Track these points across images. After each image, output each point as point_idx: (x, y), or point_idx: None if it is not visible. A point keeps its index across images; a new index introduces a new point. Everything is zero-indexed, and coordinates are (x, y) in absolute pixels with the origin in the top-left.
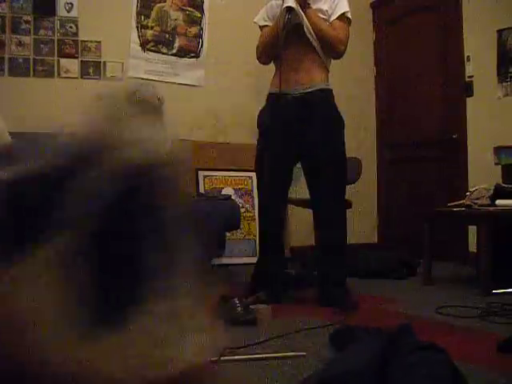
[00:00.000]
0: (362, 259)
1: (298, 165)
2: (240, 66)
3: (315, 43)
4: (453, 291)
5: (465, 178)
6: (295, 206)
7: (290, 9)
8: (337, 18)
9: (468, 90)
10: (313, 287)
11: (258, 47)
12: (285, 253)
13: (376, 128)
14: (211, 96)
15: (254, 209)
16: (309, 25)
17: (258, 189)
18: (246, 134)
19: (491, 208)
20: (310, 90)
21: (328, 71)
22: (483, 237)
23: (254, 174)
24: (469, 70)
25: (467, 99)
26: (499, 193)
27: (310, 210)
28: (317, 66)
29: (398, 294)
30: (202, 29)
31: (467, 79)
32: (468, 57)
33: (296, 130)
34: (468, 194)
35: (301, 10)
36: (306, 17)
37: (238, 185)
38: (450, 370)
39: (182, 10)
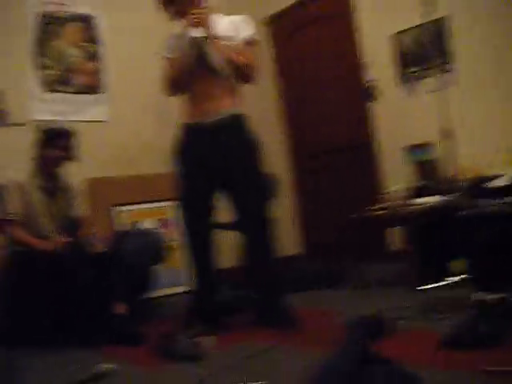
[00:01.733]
0: (291, 272)
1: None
2: (143, 97)
3: (223, 71)
4: (382, 292)
5: (378, 180)
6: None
7: (196, 39)
8: (243, 42)
9: (370, 94)
10: (249, 308)
11: (164, 80)
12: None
13: (287, 141)
14: (117, 130)
15: (175, 237)
16: (217, 53)
17: (183, 221)
18: (156, 164)
19: (413, 207)
20: (221, 116)
21: (238, 96)
22: (409, 236)
23: (170, 204)
24: (370, 74)
25: (372, 103)
26: (419, 192)
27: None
28: (227, 93)
29: (332, 303)
30: (100, 63)
31: (368, 83)
32: (367, 62)
33: (213, 158)
34: (385, 195)
35: (207, 39)
36: (213, 46)
37: (158, 215)
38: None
39: (79, 46)
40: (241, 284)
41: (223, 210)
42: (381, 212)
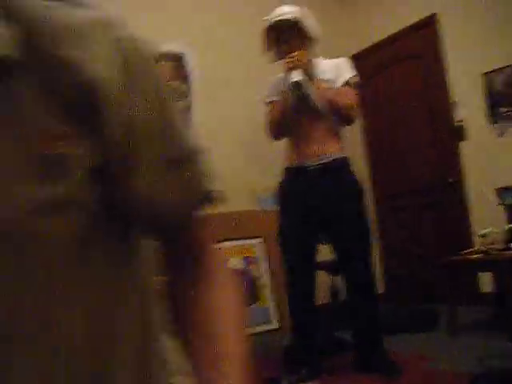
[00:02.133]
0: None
1: None
2: (234, 135)
3: (326, 113)
4: (482, 339)
5: (468, 221)
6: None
7: (297, 83)
8: (343, 84)
9: (460, 133)
10: (344, 351)
11: (269, 124)
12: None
13: (371, 180)
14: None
15: (262, 275)
16: (317, 95)
17: (283, 264)
18: (245, 201)
19: (508, 252)
20: (325, 161)
21: (341, 138)
22: (503, 281)
23: (258, 241)
24: (458, 114)
25: (462, 143)
26: (511, 236)
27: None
28: (330, 136)
29: (427, 348)
30: (191, 101)
31: (457, 123)
32: (456, 101)
33: (316, 201)
34: (478, 238)
35: (308, 82)
36: (314, 88)
37: (244, 253)
38: None
39: (170, 84)
40: (333, 325)
41: (322, 251)
42: (473, 256)
